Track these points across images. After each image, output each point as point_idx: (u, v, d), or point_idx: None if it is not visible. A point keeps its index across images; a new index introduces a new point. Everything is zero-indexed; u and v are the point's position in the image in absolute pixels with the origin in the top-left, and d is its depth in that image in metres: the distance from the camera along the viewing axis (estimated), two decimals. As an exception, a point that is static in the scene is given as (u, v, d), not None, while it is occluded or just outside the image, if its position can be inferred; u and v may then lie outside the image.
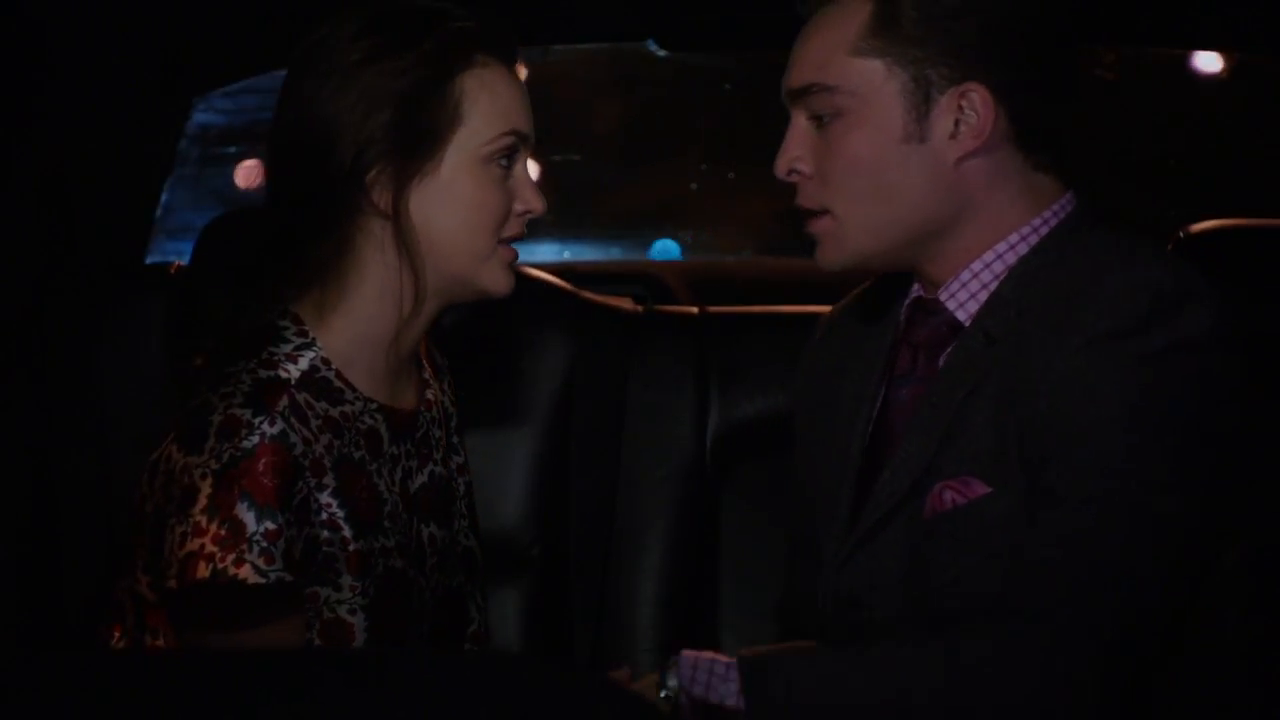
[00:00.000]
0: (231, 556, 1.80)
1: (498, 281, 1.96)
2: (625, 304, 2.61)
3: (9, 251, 2.41)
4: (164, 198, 2.77)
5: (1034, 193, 1.89)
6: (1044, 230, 1.88)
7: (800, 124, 1.91)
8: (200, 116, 4.48)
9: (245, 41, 2.65)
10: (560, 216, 4.80)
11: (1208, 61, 4.65)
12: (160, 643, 1.91)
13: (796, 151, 1.90)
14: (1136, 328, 1.75)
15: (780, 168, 1.91)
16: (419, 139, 1.90)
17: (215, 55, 2.68)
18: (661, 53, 2.87)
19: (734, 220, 5.20)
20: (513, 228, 1.96)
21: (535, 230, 2.00)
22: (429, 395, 2.05)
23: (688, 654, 1.82)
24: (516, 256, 1.97)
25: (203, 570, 1.80)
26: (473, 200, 1.92)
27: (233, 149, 4.85)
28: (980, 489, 1.80)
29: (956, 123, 1.85)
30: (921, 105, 1.85)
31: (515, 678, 0.95)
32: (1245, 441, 1.81)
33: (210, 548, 1.80)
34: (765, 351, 2.19)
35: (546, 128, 2.02)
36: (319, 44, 1.93)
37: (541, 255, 4.51)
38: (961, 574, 1.81)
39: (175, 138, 2.75)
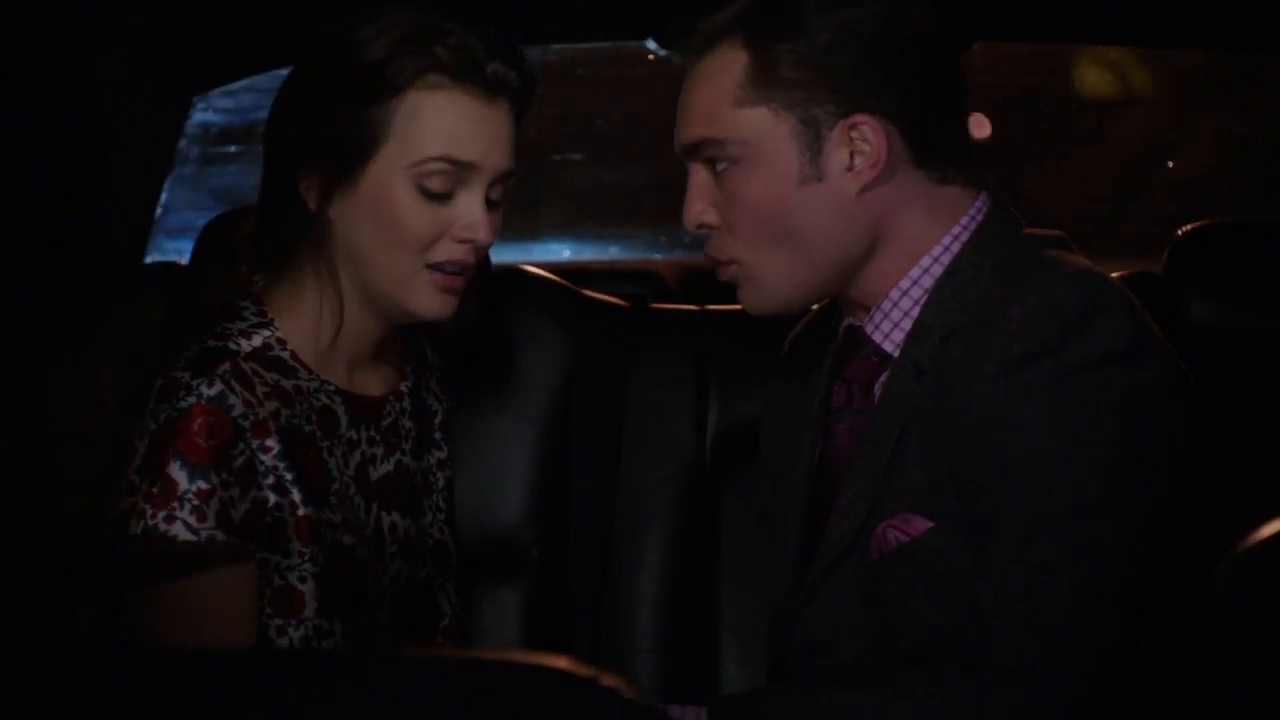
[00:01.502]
0: (163, 514, 1.83)
1: (423, 306, 1.94)
2: (625, 303, 2.60)
3: (9, 251, 2.41)
4: (164, 198, 2.77)
5: (941, 208, 1.87)
6: (956, 248, 1.86)
7: (700, 176, 1.90)
8: (200, 116, 4.48)
9: (245, 41, 2.65)
10: (560, 216, 4.80)
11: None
12: (121, 617, 1.93)
13: (700, 204, 1.90)
14: (1048, 349, 1.73)
15: (689, 221, 1.91)
16: (346, 147, 1.91)
17: (215, 55, 2.68)
18: (662, 53, 2.87)
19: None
20: (446, 253, 1.93)
21: (536, 229, 1.99)
22: (403, 387, 2.06)
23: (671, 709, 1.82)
24: (455, 283, 1.94)
25: (134, 526, 1.83)
26: (390, 218, 1.92)
27: (233, 148, 4.85)
28: (921, 525, 1.79)
29: (851, 155, 1.83)
30: (813, 144, 1.83)
31: (514, 678, 0.95)
32: (1193, 442, 1.79)
33: (142, 505, 1.83)
34: (765, 351, 2.19)
35: (546, 128, 2.02)
36: (315, 40, 1.96)
37: (542, 255, 4.50)
38: (914, 611, 1.80)
39: (175, 138, 2.76)
